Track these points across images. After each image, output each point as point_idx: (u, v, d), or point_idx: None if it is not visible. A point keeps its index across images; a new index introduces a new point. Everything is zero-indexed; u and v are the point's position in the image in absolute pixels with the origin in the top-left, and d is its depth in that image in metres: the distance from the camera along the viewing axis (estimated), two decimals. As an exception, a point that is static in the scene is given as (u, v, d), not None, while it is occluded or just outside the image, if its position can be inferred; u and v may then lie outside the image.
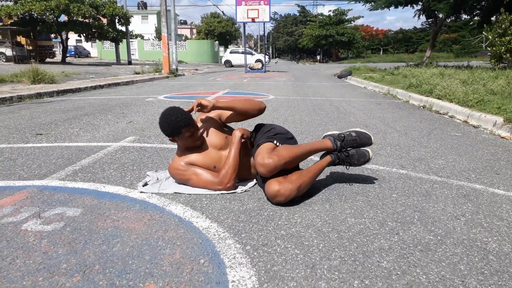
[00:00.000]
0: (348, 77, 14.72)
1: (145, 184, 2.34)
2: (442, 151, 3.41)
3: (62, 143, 3.49)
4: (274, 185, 2.04)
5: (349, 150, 2.37)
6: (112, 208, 2.01)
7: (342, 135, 2.39)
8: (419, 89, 7.99)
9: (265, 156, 2.08)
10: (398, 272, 1.46)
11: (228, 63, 32.56)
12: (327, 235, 1.76)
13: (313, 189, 2.33)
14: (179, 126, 2.13)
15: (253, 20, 18.65)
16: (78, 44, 43.74)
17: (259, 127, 2.49)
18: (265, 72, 19.85)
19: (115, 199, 2.15)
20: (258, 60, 32.98)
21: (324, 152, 2.40)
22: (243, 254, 1.57)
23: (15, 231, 1.74)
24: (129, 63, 25.40)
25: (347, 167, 2.40)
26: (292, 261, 1.53)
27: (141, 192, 2.24)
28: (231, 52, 33.64)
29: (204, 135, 2.29)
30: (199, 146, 2.27)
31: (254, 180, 2.43)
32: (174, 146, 3.39)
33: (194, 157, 2.26)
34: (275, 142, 2.23)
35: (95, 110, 5.67)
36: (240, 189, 2.29)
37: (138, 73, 15.53)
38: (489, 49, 12.58)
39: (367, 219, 1.94)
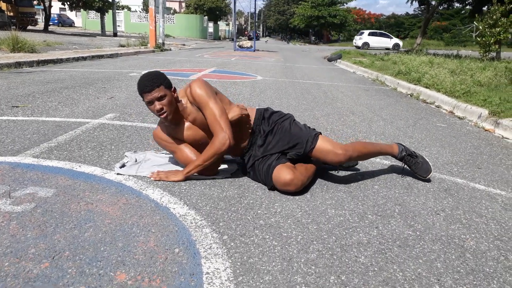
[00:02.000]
0: (338, 60, 14.63)
1: (123, 166, 2.27)
2: (426, 142, 3.41)
3: (39, 117, 3.36)
4: (287, 174, 2.01)
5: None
6: (86, 190, 1.94)
7: (413, 152, 2.43)
8: (407, 77, 7.98)
9: (336, 146, 2.13)
10: (375, 268, 1.45)
11: (366, 45, 31.43)
12: (306, 227, 1.73)
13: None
14: (140, 90, 2.03)
15: (244, -3, 18.21)
16: (62, 12, 42.15)
17: (271, 111, 2.35)
18: (254, 51, 19.57)
19: (90, 180, 2.07)
20: (396, 45, 31.94)
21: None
22: (220, 244, 1.53)
23: (-18, 211, 1.67)
24: (115, 35, 24.70)
25: (337, 171, 2.44)
26: (269, 253, 1.50)
27: (117, 174, 2.17)
28: (369, 34, 32.68)
29: (192, 116, 2.14)
30: (173, 123, 2.14)
31: (236, 165, 2.38)
32: (155, 125, 3.30)
33: (176, 131, 2.17)
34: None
35: (75, 84, 5.49)
36: (221, 175, 2.24)
37: (123, 46, 15.12)
38: (478, 39, 12.60)
39: (347, 211, 1.92)
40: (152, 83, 2.00)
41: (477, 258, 1.57)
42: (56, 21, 37.31)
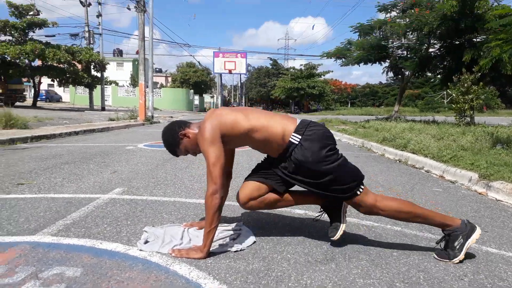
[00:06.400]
0: (322, 128, 15.13)
1: (146, 242, 2.26)
2: (428, 207, 3.51)
3: (47, 194, 3.35)
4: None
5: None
6: (113, 268, 1.92)
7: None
8: (393, 143, 8.31)
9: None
10: (419, 338, 1.46)
11: None
12: (340, 298, 1.74)
13: (314, 245, 2.34)
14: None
15: (230, 72, 19.24)
16: (50, 88, 43.18)
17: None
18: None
19: (115, 257, 2.06)
20: None
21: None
22: (261, 320, 1.52)
23: (13, 295, 1.63)
24: (103, 109, 25.18)
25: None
26: (311, 326, 1.50)
27: (140, 250, 2.16)
28: None
29: None
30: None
31: (253, 237, 2.41)
32: (166, 199, 3.34)
33: None
34: None
35: (75, 158, 5.53)
36: (236, 247, 2.24)
37: (113, 120, 15.43)
38: (453, 105, 13.39)
39: (375, 280, 1.94)
40: (171, 153, 2.42)
41: (512, 323, 1.60)
42: (44, 96, 38.00)
